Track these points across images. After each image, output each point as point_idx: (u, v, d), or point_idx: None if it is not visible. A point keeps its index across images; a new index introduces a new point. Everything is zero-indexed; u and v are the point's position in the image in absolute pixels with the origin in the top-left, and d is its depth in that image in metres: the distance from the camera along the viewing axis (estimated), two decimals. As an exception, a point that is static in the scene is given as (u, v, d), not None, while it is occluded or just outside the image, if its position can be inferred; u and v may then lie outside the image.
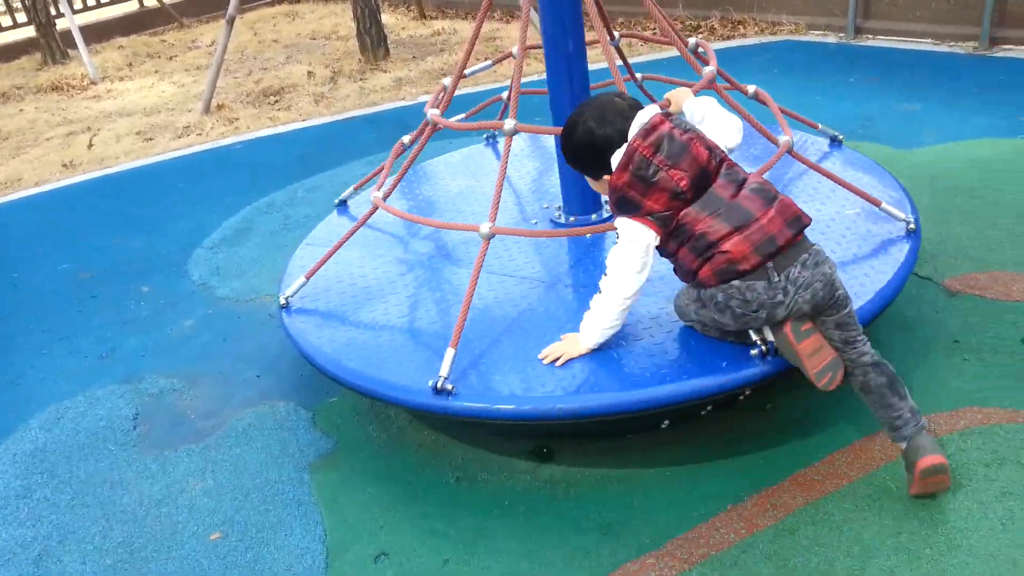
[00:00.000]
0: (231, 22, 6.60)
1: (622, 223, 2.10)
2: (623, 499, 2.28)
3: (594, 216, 3.01)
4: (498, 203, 2.43)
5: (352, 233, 2.79)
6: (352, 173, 4.86)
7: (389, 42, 7.51)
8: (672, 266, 2.20)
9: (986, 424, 2.28)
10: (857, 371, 2.11)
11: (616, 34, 3.17)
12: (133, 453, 2.81)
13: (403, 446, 2.64)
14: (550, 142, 3.79)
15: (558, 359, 2.25)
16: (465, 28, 8.15)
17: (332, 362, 2.49)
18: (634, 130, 2.05)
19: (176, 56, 8.88)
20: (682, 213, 2.02)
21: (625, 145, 2.05)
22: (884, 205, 2.70)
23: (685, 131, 2.04)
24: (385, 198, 2.76)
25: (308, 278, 2.84)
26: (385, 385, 2.34)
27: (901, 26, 5.73)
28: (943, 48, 5.38)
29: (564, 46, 2.75)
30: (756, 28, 6.49)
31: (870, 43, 5.75)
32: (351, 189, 3.55)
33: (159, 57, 8.95)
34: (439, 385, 2.23)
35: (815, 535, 2.06)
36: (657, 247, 2.10)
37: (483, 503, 2.35)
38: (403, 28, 8.53)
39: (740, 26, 6.60)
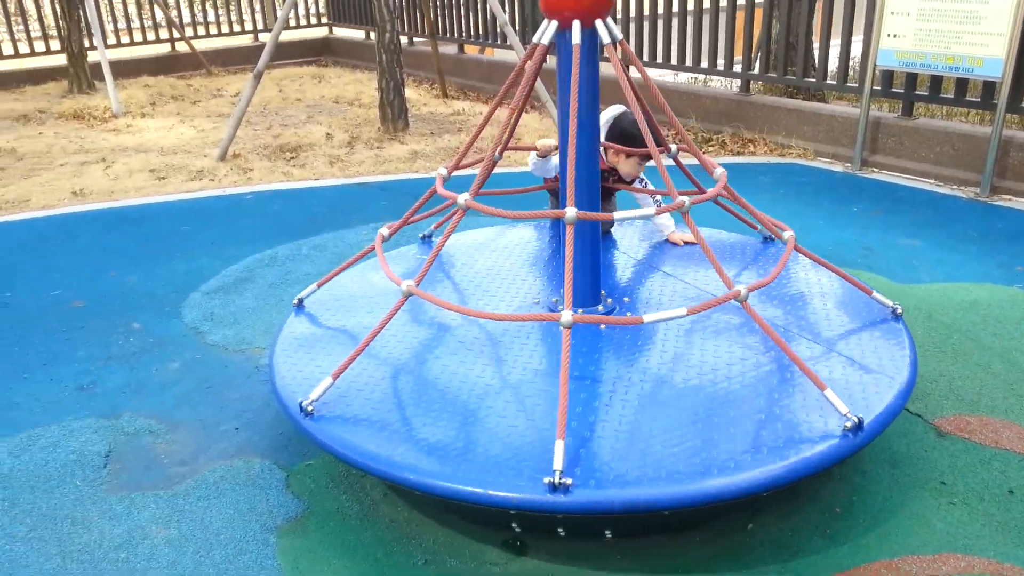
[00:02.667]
0: (259, 76, 6.75)
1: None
2: (593, 604, 2.23)
3: (600, 307, 3.02)
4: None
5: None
6: (358, 237, 4.90)
7: (409, 115, 7.68)
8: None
9: (968, 573, 2.25)
10: None
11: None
12: (99, 491, 2.75)
13: (375, 520, 2.58)
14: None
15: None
16: (485, 110, 8.34)
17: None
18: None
19: (200, 101, 9.05)
20: None
21: None
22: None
23: None
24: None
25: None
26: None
27: (906, 164, 5.90)
28: (945, 190, 5.53)
29: (579, 143, 2.80)
30: (765, 148, 6.67)
31: (875, 176, 5.90)
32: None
33: (183, 100, 9.12)
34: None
35: (786, 666, 2.00)
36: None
37: (450, 590, 2.29)
38: (424, 104, 8.74)
39: (750, 144, 6.78)
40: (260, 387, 3.31)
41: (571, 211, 2.47)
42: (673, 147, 3.27)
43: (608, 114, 3.60)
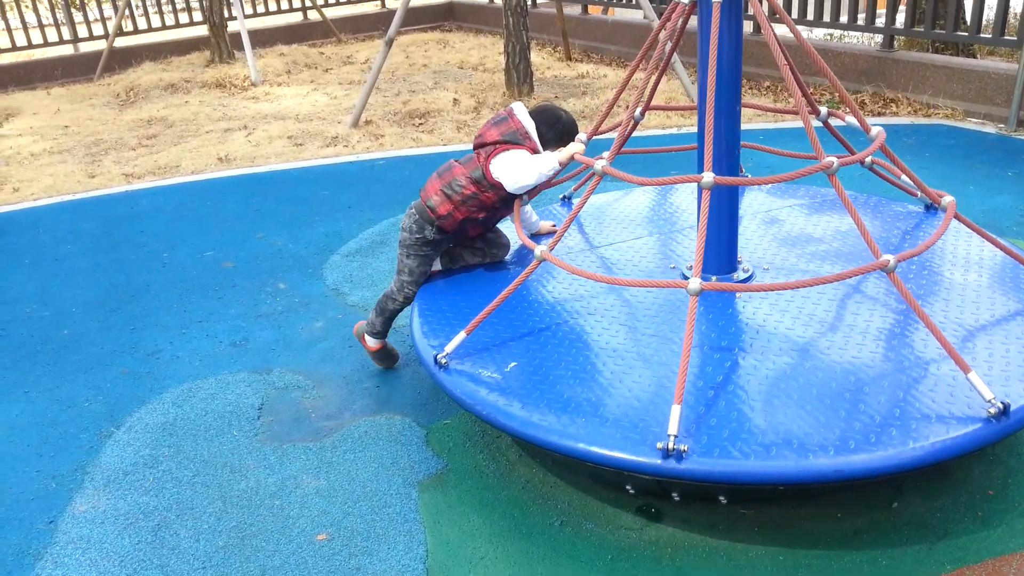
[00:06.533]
0: (389, 44, 6.89)
1: None
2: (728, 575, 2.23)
3: (735, 275, 2.97)
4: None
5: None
6: (487, 202, 4.97)
7: (534, 79, 7.67)
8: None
9: None
10: None
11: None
12: (254, 441, 2.94)
13: (511, 480, 2.66)
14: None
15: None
16: (609, 73, 8.24)
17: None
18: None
19: (332, 69, 9.32)
20: None
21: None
22: None
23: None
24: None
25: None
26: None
27: (1070, 125, 5.47)
28: (1115, 153, 5.10)
29: (719, 104, 2.75)
30: (909, 108, 6.31)
31: (1034, 138, 5.50)
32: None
33: (316, 68, 9.42)
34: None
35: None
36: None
37: (586, 554, 2.33)
38: (548, 68, 8.70)
39: (892, 104, 6.43)
40: (397, 347, 3.44)
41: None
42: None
43: (522, 112, 3.13)
